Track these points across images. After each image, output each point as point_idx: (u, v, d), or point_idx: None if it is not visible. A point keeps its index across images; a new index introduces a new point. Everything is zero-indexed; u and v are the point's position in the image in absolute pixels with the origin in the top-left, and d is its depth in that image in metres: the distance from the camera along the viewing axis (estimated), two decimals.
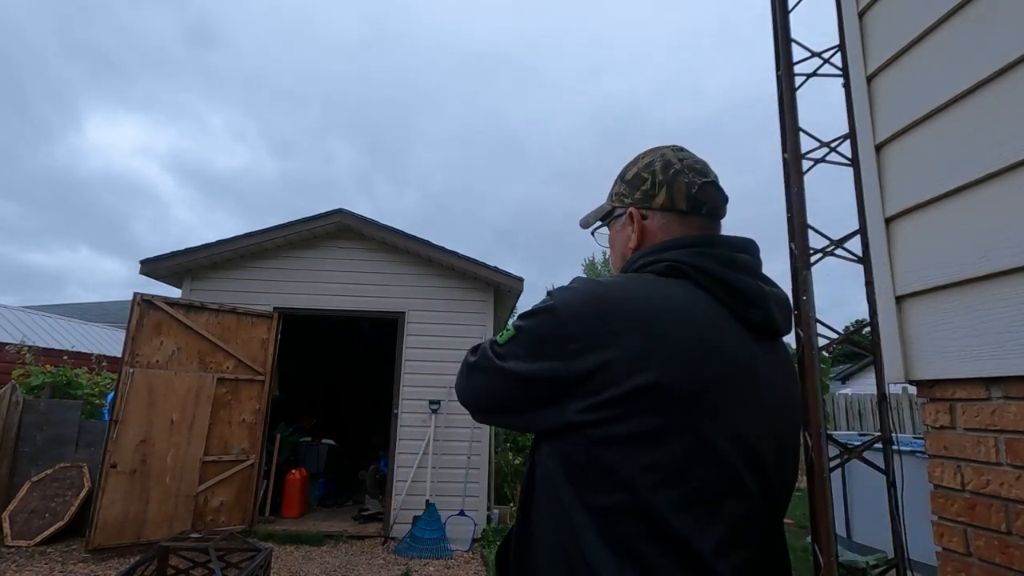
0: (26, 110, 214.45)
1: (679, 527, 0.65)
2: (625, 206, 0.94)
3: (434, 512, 5.54)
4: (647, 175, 0.93)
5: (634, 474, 0.66)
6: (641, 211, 0.92)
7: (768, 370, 0.78)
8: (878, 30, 1.53)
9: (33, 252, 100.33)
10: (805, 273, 3.23)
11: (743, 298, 0.77)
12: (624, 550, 0.65)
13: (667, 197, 0.91)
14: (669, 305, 0.74)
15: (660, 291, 0.76)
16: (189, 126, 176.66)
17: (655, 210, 0.91)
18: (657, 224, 0.91)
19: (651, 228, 0.91)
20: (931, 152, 1.34)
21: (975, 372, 1.22)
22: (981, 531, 1.21)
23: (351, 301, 6.28)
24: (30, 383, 6.38)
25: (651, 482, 0.66)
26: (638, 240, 0.92)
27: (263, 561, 3.31)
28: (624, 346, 0.69)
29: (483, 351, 0.85)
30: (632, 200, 0.93)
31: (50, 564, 4.45)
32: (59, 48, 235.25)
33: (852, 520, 4.79)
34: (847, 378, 17.04)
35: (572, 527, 0.69)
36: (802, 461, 1.30)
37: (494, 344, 0.83)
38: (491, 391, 0.83)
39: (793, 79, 3.52)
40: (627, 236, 0.93)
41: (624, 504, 0.66)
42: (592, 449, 0.69)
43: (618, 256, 0.97)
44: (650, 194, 0.92)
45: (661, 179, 0.91)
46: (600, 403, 0.68)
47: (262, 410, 5.75)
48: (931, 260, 1.33)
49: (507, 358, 0.79)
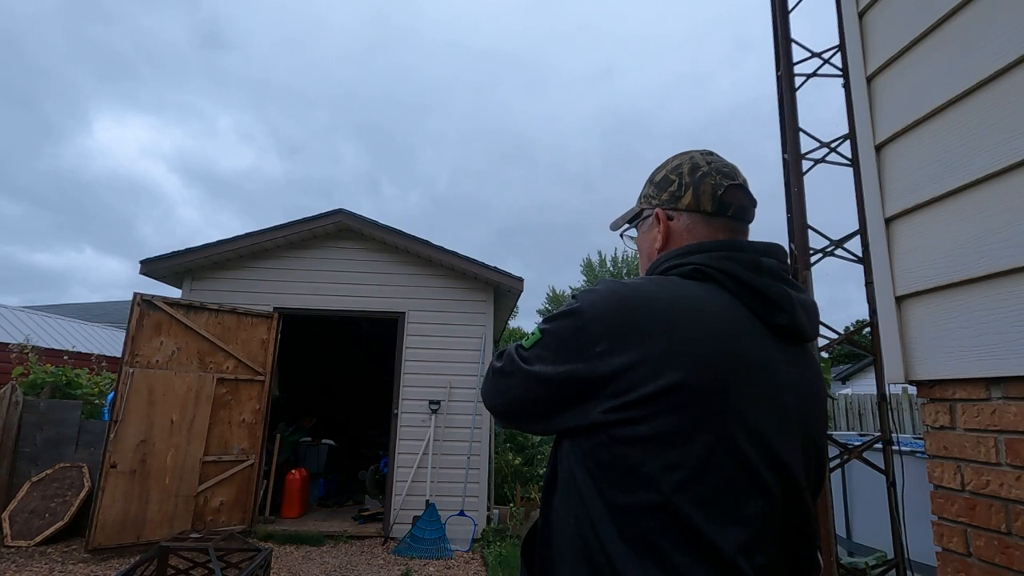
0: (35, 111, 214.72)
1: (700, 524, 0.66)
2: (652, 207, 0.96)
3: (434, 512, 5.54)
4: (675, 177, 0.94)
5: (657, 472, 0.67)
6: (667, 212, 0.94)
7: (792, 373, 0.78)
8: (878, 30, 1.53)
9: (38, 253, 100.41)
10: (805, 273, 3.24)
11: (768, 301, 0.78)
12: (644, 545, 0.66)
13: (693, 198, 0.92)
14: (693, 307, 0.75)
15: (685, 293, 0.77)
16: (196, 127, 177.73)
17: (681, 211, 0.92)
18: (683, 225, 0.92)
19: (677, 229, 0.92)
20: (931, 152, 1.34)
21: (975, 372, 1.22)
22: (981, 531, 1.21)
23: (351, 301, 6.28)
24: (32, 381, 6.38)
25: (674, 480, 0.67)
26: (663, 241, 0.93)
27: (263, 561, 3.31)
28: (649, 347, 0.71)
29: (509, 356, 0.85)
30: (659, 201, 0.95)
31: (50, 564, 4.46)
32: (69, 49, 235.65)
33: (852, 520, 4.79)
34: (847, 378, 17.04)
35: (592, 523, 0.70)
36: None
37: (519, 348, 0.83)
38: (518, 395, 0.83)
39: (793, 79, 3.52)
40: (653, 237, 0.95)
41: (646, 501, 0.67)
42: (616, 448, 0.70)
43: (645, 257, 0.98)
44: (677, 195, 0.93)
45: (688, 181, 0.92)
46: (626, 403, 0.70)
47: (262, 410, 5.75)
48: (931, 260, 1.33)
49: (533, 361, 0.79)
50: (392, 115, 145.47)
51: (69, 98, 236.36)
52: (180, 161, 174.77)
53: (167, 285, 6.37)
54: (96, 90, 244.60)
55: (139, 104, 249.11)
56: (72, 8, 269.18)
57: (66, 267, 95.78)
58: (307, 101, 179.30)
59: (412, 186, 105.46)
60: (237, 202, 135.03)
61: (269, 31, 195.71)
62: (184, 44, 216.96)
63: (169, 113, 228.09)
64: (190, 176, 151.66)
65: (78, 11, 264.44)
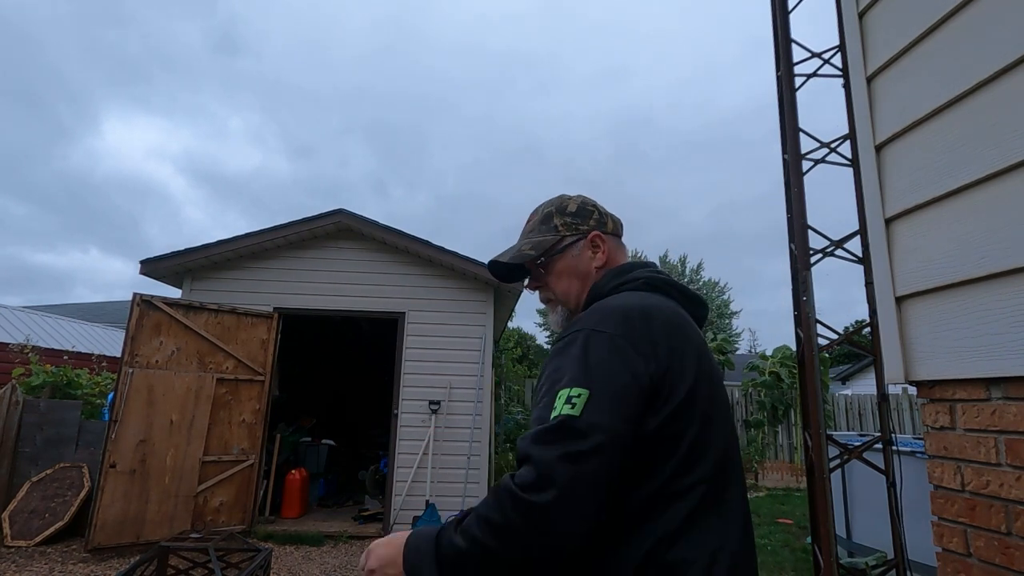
0: (46, 112, 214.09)
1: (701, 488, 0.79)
2: (582, 233, 1.06)
3: (434, 512, 5.54)
4: (591, 208, 1.09)
5: (670, 467, 0.78)
6: (604, 235, 1.07)
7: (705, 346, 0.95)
8: (878, 31, 1.53)
9: (43, 253, 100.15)
10: (805, 273, 3.23)
11: (696, 301, 1.00)
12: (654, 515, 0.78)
13: (613, 225, 1.10)
14: (676, 316, 0.89)
15: (661, 303, 0.90)
16: (206, 128, 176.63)
17: (609, 235, 1.08)
18: (613, 246, 1.08)
19: (610, 250, 1.06)
20: (931, 153, 1.34)
21: (975, 372, 1.22)
22: (981, 532, 1.21)
23: (351, 301, 6.28)
24: (30, 383, 6.38)
25: (682, 468, 0.79)
26: (605, 259, 1.04)
27: (263, 561, 3.31)
28: (670, 356, 0.81)
29: (562, 454, 0.69)
30: (588, 227, 1.06)
31: (50, 564, 4.45)
32: (83, 52, 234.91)
33: (852, 520, 4.79)
34: (847, 378, 17.04)
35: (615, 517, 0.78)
36: (802, 462, 1.28)
37: (566, 431, 0.70)
38: (606, 472, 0.71)
39: (793, 79, 3.52)
40: (588, 257, 1.05)
41: (656, 490, 0.77)
42: (644, 451, 0.78)
43: (576, 278, 1.05)
44: (602, 222, 1.08)
45: (603, 210, 1.10)
46: (666, 413, 0.79)
47: (262, 410, 5.75)
48: (931, 260, 1.33)
49: (604, 422, 0.71)
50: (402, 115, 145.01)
51: (81, 100, 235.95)
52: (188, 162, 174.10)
53: (167, 285, 6.37)
54: (108, 92, 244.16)
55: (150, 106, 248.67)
56: (88, 12, 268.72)
57: (70, 268, 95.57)
58: (319, 102, 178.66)
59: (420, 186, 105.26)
60: (244, 202, 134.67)
61: (284, 33, 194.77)
62: (199, 48, 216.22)
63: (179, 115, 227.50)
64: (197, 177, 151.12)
65: (94, 15, 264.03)
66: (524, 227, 1.14)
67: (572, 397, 0.73)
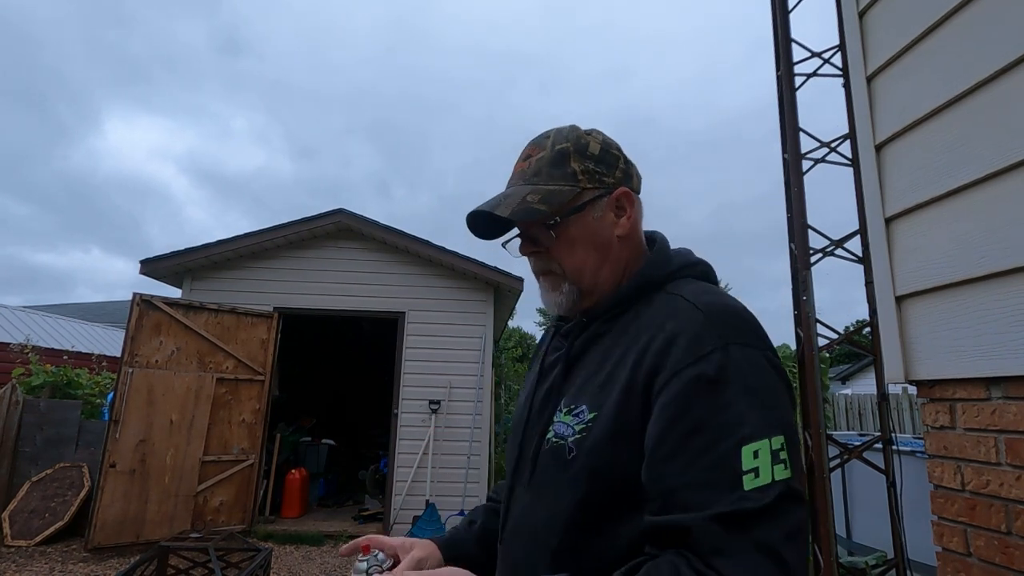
0: (48, 113, 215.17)
1: None
2: (607, 187, 0.75)
3: (434, 512, 5.54)
4: (616, 153, 0.77)
5: None
6: (633, 193, 0.77)
7: None
8: (878, 30, 1.53)
9: (44, 253, 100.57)
10: (805, 273, 3.23)
11: None
12: None
13: (638, 180, 0.80)
14: None
15: None
16: (209, 129, 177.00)
17: (636, 195, 0.79)
18: (639, 212, 0.78)
19: (636, 216, 0.77)
20: (931, 152, 1.34)
21: (975, 372, 1.22)
22: (981, 531, 1.21)
23: (351, 301, 6.28)
24: (30, 383, 6.37)
25: None
26: (629, 228, 0.76)
27: (263, 561, 3.31)
28: None
29: (789, 531, 0.54)
30: (614, 180, 0.76)
31: (50, 564, 4.45)
32: (86, 53, 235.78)
33: (852, 520, 4.79)
34: (847, 378, 17.03)
35: None
36: (802, 461, 1.31)
37: (791, 499, 0.56)
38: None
39: (793, 79, 3.52)
40: (610, 223, 0.75)
41: None
42: None
43: (595, 250, 0.75)
44: (628, 174, 0.78)
45: (627, 158, 0.79)
46: None
47: (262, 410, 5.75)
48: (931, 260, 1.33)
49: (800, 467, 0.60)
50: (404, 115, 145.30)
51: (82, 100, 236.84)
52: (190, 162, 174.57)
53: (167, 285, 6.37)
54: (110, 93, 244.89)
55: (152, 107, 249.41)
56: (91, 13, 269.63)
57: (71, 268, 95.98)
58: (321, 103, 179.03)
59: (421, 186, 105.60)
60: (246, 202, 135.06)
61: (286, 34, 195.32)
62: (202, 48, 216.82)
63: (182, 116, 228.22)
64: (199, 177, 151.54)
65: (96, 16, 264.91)
66: (522, 165, 0.77)
67: (778, 452, 0.56)
